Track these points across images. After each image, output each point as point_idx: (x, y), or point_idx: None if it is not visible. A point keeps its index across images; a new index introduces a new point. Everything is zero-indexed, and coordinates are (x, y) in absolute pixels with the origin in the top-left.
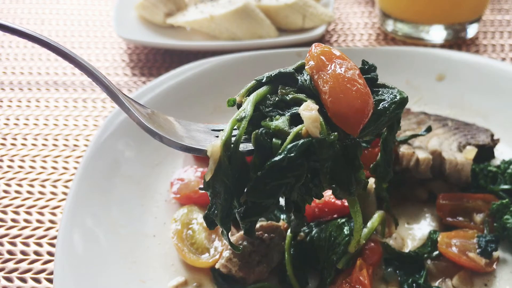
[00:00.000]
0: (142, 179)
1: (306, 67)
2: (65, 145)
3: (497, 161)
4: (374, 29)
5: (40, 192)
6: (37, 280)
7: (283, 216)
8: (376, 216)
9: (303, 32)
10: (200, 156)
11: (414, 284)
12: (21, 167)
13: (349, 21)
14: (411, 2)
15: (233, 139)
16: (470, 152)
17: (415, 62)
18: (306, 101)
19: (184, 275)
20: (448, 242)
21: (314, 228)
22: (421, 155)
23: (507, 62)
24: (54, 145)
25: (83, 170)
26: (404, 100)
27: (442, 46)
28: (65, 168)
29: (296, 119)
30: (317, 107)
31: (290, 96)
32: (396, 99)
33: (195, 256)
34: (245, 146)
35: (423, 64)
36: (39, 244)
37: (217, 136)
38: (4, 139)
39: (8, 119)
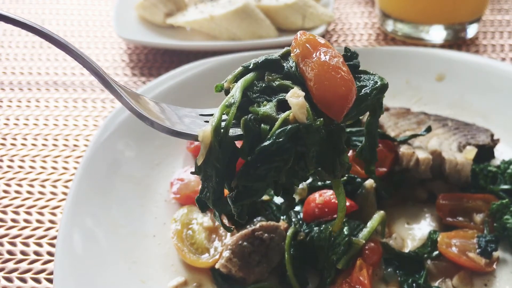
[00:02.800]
0: (142, 179)
1: (292, 54)
2: (65, 145)
3: (497, 161)
4: (374, 29)
5: (40, 192)
6: (37, 280)
7: (283, 216)
8: (376, 216)
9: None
10: (191, 140)
11: (414, 284)
12: (21, 167)
13: (349, 21)
14: (411, 2)
15: (222, 124)
16: (470, 152)
17: (415, 62)
18: (293, 87)
19: (184, 275)
20: (448, 242)
21: (314, 228)
22: (421, 155)
23: (507, 62)
24: (54, 145)
25: (83, 170)
26: (384, 86)
27: (442, 46)
28: (65, 168)
29: (282, 105)
30: (303, 93)
31: (277, 82)
32: (377, 85)
33: (195, 256)
34: (234, 131)
35: (423, 64)
36: (39, 244)
37: (206, 121)
38: (4, 139)
39: (8, 119)
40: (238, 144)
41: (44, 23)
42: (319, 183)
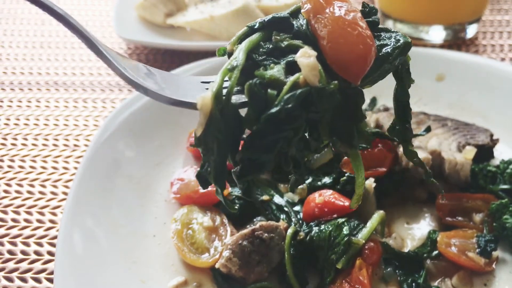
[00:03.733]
0: (142, 179)
1: (302, 11)
2: (65, 145)
3: (496, 161)
4: None
5: (41, 192)
6: (38, 280)
7: (283, 216)
8: (376, 216)
9: None
10: (190, 109)
11: (413, 284)
12: (21, 167)
13: None
14: (411, 2)
15: (224, 91)
16: (470, 152)
17: (415, 62)
18: (303, 47)
19: (184, 275)
20: (447, 242)
21: (314, 228)
22: (421, 155)
23: (507, 62)
24: (55, 145)
25: (84, 170)
26: (408, 44)
27: (442, 46)
28: (65, 168)
29: (292, 68)
30: (315, 53)
31: (285, 42)
32: (399, 44)
33: (195, 256)
34: (238, 98)
35: (423, 64)
36: (40, 244)
37: (208, 89)
38: (5, 139)
39: (8, 119)
40: (243, 112)
41: (45, 23)
42: (319, 183)
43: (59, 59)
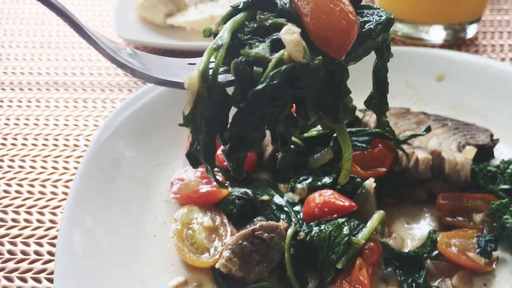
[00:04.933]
0: (142, 179)
1: None
2: (65, 145)
3: (496, 161)
4: None
5: (41, 192)
6: (38, 280)
7: (283, 216)
8: (376, 216)
9: None
10: (177, 89)
11: (413, 284)
12: (21, 167)
13: None
14: (411, 2)
15: (210, 70)
16: (470, 152)
17: (415, 62)
18: (287, 25)
19: (184, 274)
20: (447, 242)
21: (314, 228)
22: (421, 155)
23: (507, 62)
24: (55, 145)
25: (84, 170)
26: (390, 20)
27: (442, 46)
28: (65, 168)
29: (277, 46)
30: (299, 30)
31: (270, 21)
32: (381, 20)
33: (195, 256)
34: (225, 78)
35: (423, 64)
36: (40, 244)
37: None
38: (5, 139)
39: (8, 119)
40: (229, 91)
41: (45, 23)
42: (319, 183)
43: (59, 59)
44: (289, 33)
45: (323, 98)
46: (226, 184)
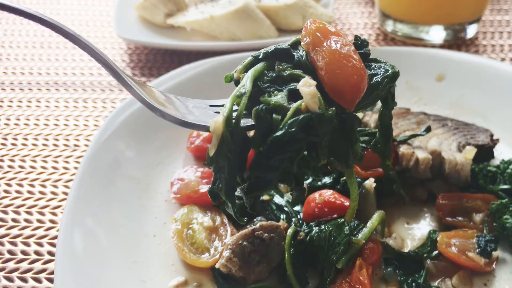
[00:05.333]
0: (142, 179)
1: (302, 43)
2: (65, 145)
3: (496, 161)
4: (374, 29)
5: (41, 192)
6: (38, 280)
7: (283, 216)
8: (376, 216)
9: None
10: (202, 131)
11: (413, 284)
12: (21, 167)
13: (349, 22)
14: (411, 2)
15: (233, 114)
16: (470, 152)
17: (415, 62)
18: (304, 77)
19: (184, 274)
20: (447, 242)
21: (314, 228)
22: (421, 155)
23: (507, 62)
24: (55, 145)
25: (84, 170)
26: (395, 74)
27: (442, 46)
28: (65, 168)
29: (293, 95)
30: (315, 83)
31: (287, 72)
32: (388, 73)
33: (195, 256)
34: (245, 122)
35: (423, 64)
36: (40, 244)
37: (217, 112)
38: (5, 139)
39: (8, 119)
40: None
41: None
42: (319, 183)
43: (59, 59)
44: (307, 86)
45: (335, 145)
46: (245, 220)
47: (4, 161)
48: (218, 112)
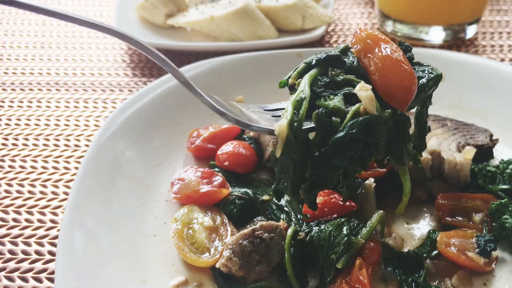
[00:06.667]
0: (142, 179)
1: (352, 50)
2: (66, 145)
3: (496, 161)
4: (373, 30)
5: (42, 192)
6: (38, 280)
7: (283, 216)
8: (376, 216)
9: (303, 33)
10: (267, 134)
11: (413, 284)
12: (22, 167)
13: (348, 22)
14: (411, 3)
15: (295, 118)
16: (469, 152)
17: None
18: (358, 81)
19: (185, 274)
20: (447, 242)
21: (314, 228)
22: None
23: (506, 63)
24: (56, 145)
25: (84, 170)
26: (439, 77)
27: (441, 46)
28: (66, 168)
29: (348, 98)
30: (371, 87)
31: (341, 77)
32: (432, 76)
33: (196, 256)
34: (305, 124)
35: None
36: (41, 244)
37: (275, 116)
38: (6, 139)
39: (9, 120)
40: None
41: (46, 24)
42: None
43: (60, 59)
44: (364, 90)
45: (391, 144)
46: (308, 216)
47: (5, 161)
48: (275, 116)
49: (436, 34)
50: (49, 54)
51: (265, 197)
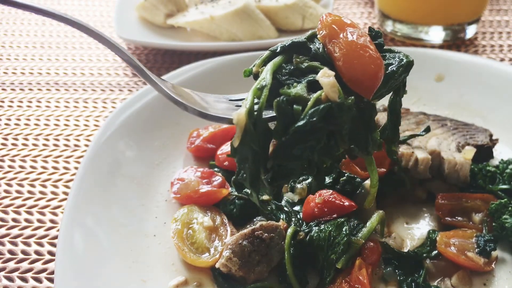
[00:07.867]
0: (142, 179)
1: (318, 36)
2: (66, 145)
3: (496, 161)
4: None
5: (41, 192)
6: (38, 280)
7: (283, 216)
8: (376, 216)
9: (303, 32)
10: (225, 124)
11: (413, 284)
12: (22, 167)
13: None
14: (410, 2)
15: (255, 106)
16: (469, 152)
17: (414, 62)
18: (322, 68)
19: (185, 274)
20: (447, 242)
21: (313, 228)
22: (420, 155)
23: (506, 63)
24: (55, 145)
25: (84, 170)
26: (410, 63)
27: (441, 46)
28: (66, 168)
29: (312, 86)
30: (333, 73)
31: (305, 64)
32: (403, 63)
33: (195, 256)
34: (266, 113)
35: (422, 64)
36: (40, 244)
37: (237, 106)
38: (5, 139)
39: (9, 120)
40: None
41: (46, 24)
42: None
43: (60, 59)
44: (326, 76)
45: (355, 133)
46: (269, 208)
47: (4, 161)
48: (239, 106)
49: (436, 34)
50: (49, 54)
51: (265, 197)
